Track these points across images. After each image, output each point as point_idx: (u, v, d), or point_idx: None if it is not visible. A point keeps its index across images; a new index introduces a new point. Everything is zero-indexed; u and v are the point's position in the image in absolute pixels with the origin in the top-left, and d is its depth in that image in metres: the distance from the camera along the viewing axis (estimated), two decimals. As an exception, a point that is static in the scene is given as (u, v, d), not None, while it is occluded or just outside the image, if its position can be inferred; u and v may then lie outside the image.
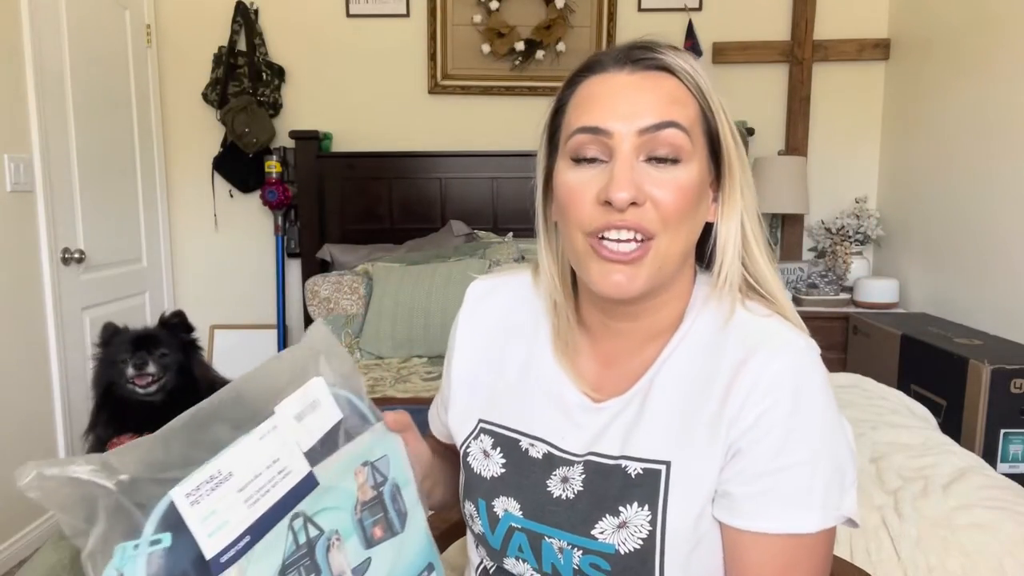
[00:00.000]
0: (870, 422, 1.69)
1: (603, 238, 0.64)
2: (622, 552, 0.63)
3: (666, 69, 0.65)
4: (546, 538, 0.67)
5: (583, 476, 0.68)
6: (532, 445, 0.72)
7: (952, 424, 2.13)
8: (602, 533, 0.64)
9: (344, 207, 3.20)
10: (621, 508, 0.64)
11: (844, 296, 3.04)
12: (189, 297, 3.33)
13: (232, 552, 0.47)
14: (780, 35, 3.22)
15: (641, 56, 0.66)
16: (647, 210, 0.63)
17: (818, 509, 0.62)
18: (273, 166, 3.16)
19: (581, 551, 0.65)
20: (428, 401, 1.98)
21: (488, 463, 0.73)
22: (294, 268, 3.31)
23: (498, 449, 0.73)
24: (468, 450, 0.76)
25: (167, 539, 0.45)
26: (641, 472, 0.64)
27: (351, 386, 0.62)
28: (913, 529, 1.25)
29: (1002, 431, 2.06)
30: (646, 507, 0.63)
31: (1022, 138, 2.38)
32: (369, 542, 0.57)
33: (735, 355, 0.64)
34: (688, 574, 0.63)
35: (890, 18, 3.22)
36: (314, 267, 3.11)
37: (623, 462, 0.66)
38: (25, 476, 0.43)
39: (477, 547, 0.77)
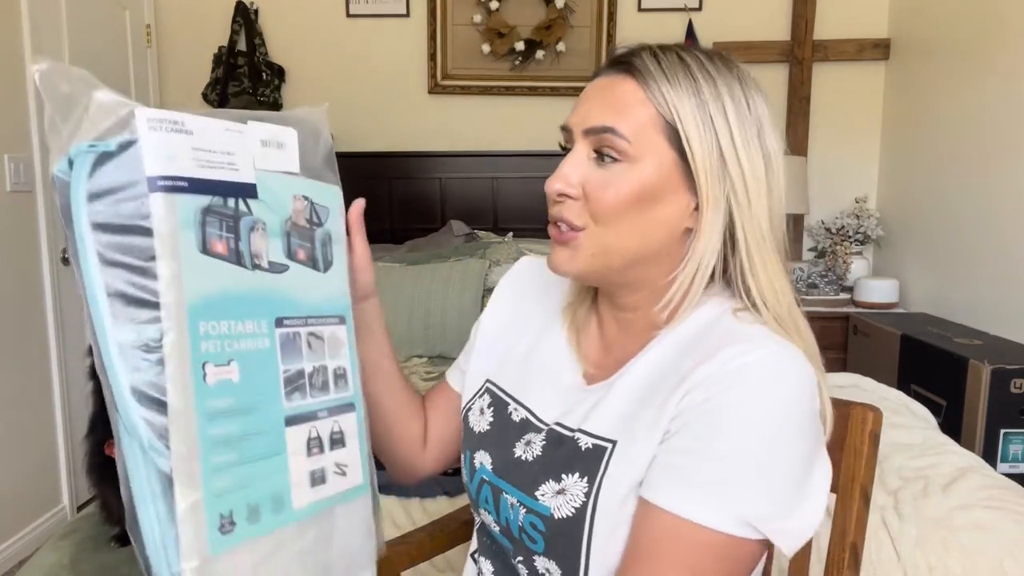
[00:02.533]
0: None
1: (556, 223, 0.71)
2: (556, 516, 0.67)
3: (630, 73, 0.67)
4: (504, 493, 0.73)
5: (544, 443, 0.73)
6: (516, 410, 0.78)
7: (952, 424, 2.13)
8: (543, 496, 0.69)
9: (344, 207, 3.19)
10: (564, 475, 0.68)
11: (844, 296, 3.04)
12: (189, 297, 3.33)
13: (168, 183, 0.50)
14: (780, 35, 3.22)
15: (618, 58, 0.69)
16: (578, 205, 0.68)
17: (726, 509, 0.59)
18: (273, 166, 3.16)
19: (525, 510, 0.70)
20: (428, 401, 1.97)
21: (480, 419, 0.81)
22: (294, 268, 3.31)
23: (491, 409, 0.81)
24: (471, 407, 0.83)
25: (113, 144, 0.49)
26: (591, 447, 0.68)
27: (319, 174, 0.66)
28: (913, 529, 1.25)
29: (1002, 431, 2.06)
30: (585, 479, 0.66)
31: (1022, 138, 2.38)
32: (291, 255, 0.59)
33: (705, 351, 0.65)
34: (609, 550, 0.65)
35: (890, 18, 3.22)
36: (314, 267, 3.11)
37: (578, 435, 0.70)
38: (37, 66, 0.51)
39: (469, 498, 0.83)
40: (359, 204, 0.79)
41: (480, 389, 0.84)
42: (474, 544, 0.86)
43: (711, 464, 0.60)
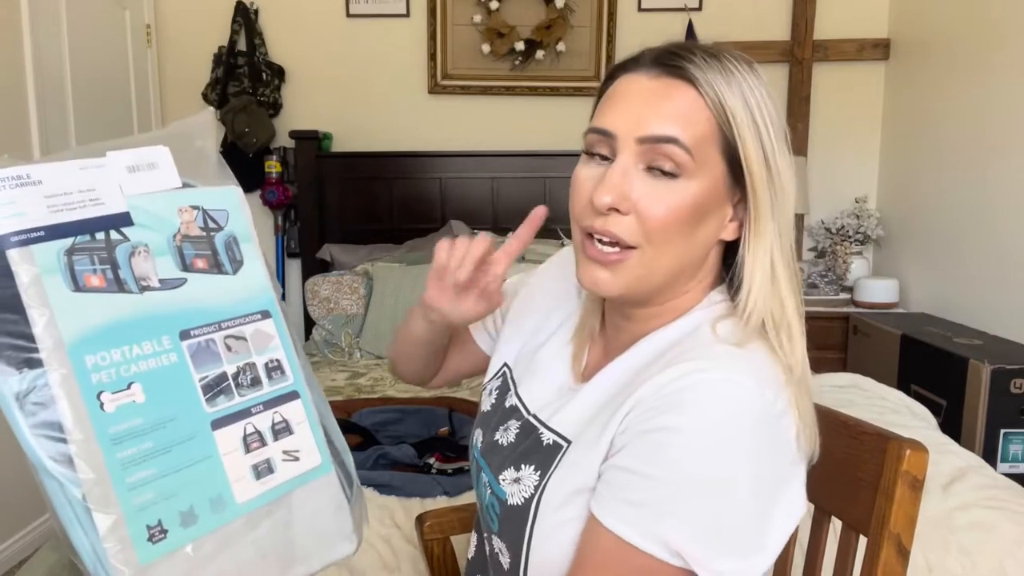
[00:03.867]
0: (870, 422, 1.69)
1: (592, 235, 0.66)
2: (509, 503, 0.69)
3: (688, 80, 0.63)
4: (481, 471, 0.77)
5: (517, 431, 0.75)
6: (511, 397, 0.81)
7: (952, 424, 2.13)
8: (504, 480, 0.71)
9: (344, 207, 3.19)
10: (523, 465, 0.70)
11: (844, 296, 3.04)
12: (189, 297, 3.33)
13: (21, 237, 0.52)
14: (780, 35, 3.22)
15: (669, 62, 0.64)
16: (629, 220, 0.63)
17: (653, 531, 0.57)
18: (273, 166, 3.16)
19: (490, 491, 0.74)
20: (428, 401, 1.98)
21: (487, 400, 0.85)
22: (294, 268, 3.31)
23: (497, 392, 0.84)
24: (487, 387, 0.87)
25: None
26: (550, 443, 0.70)
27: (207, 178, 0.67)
28: (913, 529, 1.25)
29: (1002, 431, 2.07)
30: (538, 473, 0.68)
31: (1021, 138, 2.38)
32: (187, 267, 0.60)
33: (659, 367, 0.63)
34: (546, 547, 0.66)
35: (890, 18, 3.22)
36: (314, 267, 3.11)
37: (542, 429, 0.72)
38: None
39: None
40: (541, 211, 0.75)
41: (499, 371, 0.86)
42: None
43: (645, 484, 0.59)
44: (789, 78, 3.23)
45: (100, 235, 0.56)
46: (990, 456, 2.06)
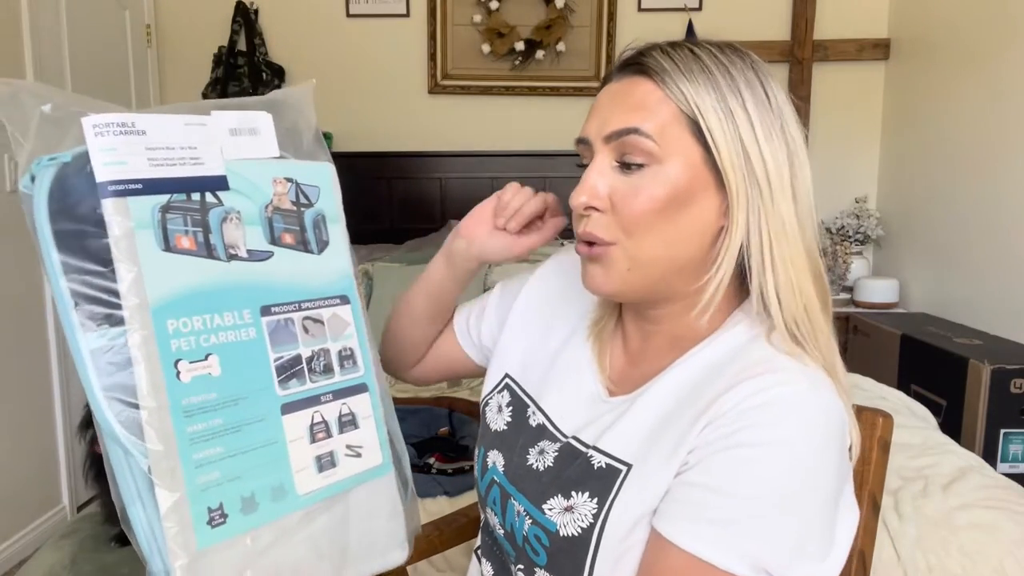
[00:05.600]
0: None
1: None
2: (561, 533, 0.65)
3: (644, 73, 0.64)
4: (511, 499, 0.72)
5: (556, 455, 0.70)
6: (534, 414, 0.76)
7: (952, 424, 2.13)
8: (551, 510, 0.66)
9: (344, 207, 3.19)
10: (573, 493, 0.65)
11: (844, 296, 3.04)
12: (189, 297, 3.33)
13: (119, 187, 0.50)
14: (780, 35, 3.22)
15: (631, 61, 0.66)
16: (607, 218, 0.65)
17: (738, 550, 0.56)
18: (273, 166, 3.16)
19: (531, 520, 0.68)
20: (428, 401, 1.98)
21: (498, 418, 0.79)
22: (294, 268, 3.31)
23: (510, 408, 0.79)
24: (488, 402, 0.82)
25: (68, 156, 0.50)
26: (604, 466, 0.65)
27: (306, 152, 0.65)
28: (913, 529, 1.25)
29: (1002, 431, 2.06)
30: (595, 500, 0.64)
31: (1022, 137, 2.38)
32: (275, 241, 0.58)
33: (730, 380, 0.61)
34: (616, 573, 0.63)
35: (890, 18, 3.22)
36: (314, 267, 3.10)
37: (592, 452, 0.67)
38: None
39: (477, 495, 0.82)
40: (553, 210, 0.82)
41: (500, 383, 0.82)
42: (478, 541, 0.85)
43: (727, 502, 0.57)
44: (789, 78, 3.22)
45: (195, 196, 0.53)
46: (990, 456, 2.06)
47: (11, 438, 2.30)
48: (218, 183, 0.55)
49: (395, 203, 3.21)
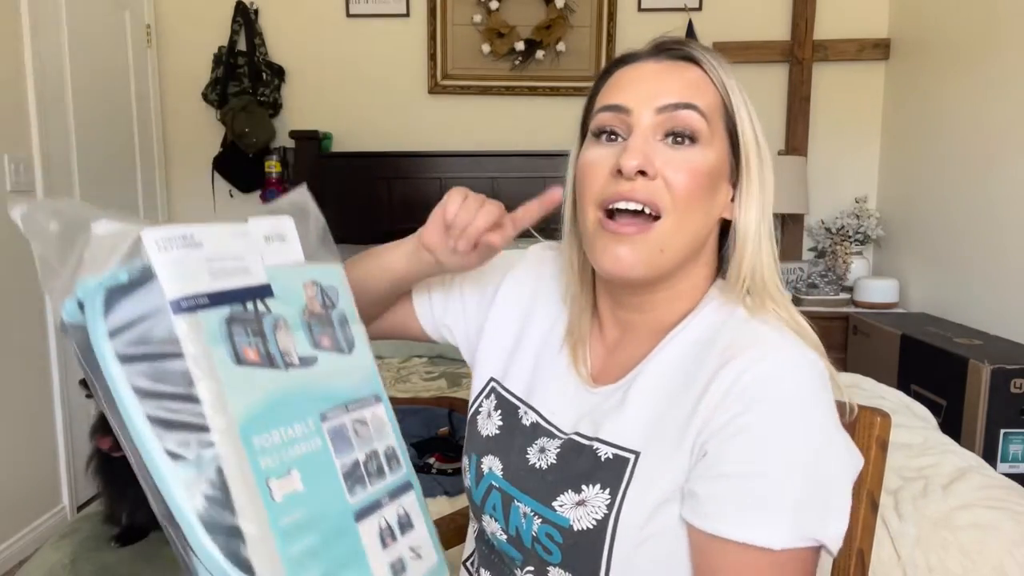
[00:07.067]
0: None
1: (611, 215, 0.66)
2: (575, 528, 0.65)
3: (691, 59, 0.68)
4: (515, 501, 0.70)
5: (558, 451, 0.70)
6: (526, 413, 0.76)
7: (952, 424, 2.13)
8: (562, 506, 0.66)
9: (344, 207, 3.19)
10: (584, 486, 0.66)
11: (844, 296, 3.04)
12: (189, 297, 3.33)
13: (189, 303, 0.47)
14: (780, 35, 3.22)
15: (669, 47, 0.70)
16: (658, 185, 0.65)
17: (785, 525, 0.58)
18: (273, 166, 3.16)
19: (540, 519, 0.68)
20: (428, 401, 1.98)
21: (488, 423, 0.78)
22: (294, 268, 3.31)
23: (499, 412, 0.78)
24: (478, 408, 0.81)
25: (124, 275, 0.46)
26: (611, 457, 0.66)
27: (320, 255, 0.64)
28: (913, 529, 1.25)
29: (1002, 431, 2.06)
30: (607, 491, 0.64)
31: (1021, 138, 2.38)
32: (316, 345, 0.57)
33: (719, 358, 0.63)
34: (631, 567, 0.63)
35: (890, 18, 3.22)
36: (314, 267, 3.11)
37: (595, 444, 0.67)
38: (16, 207, 0.47)
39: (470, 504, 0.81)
40: (556, 193, 0.73)
41: (485, 388, 0.82)
42: (467, 551, 0.84)
43: (760, 483, 0.59)
44: (789, 78, 3.23)
45: (250, 305, 0.52)
46: (990, 456, 2.06)
47: (11, 438, 2.30)
48: (266, 291, 0.54)
49: (395, 203, 3.21)
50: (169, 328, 0.46)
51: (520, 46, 3.20)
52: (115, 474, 1.37)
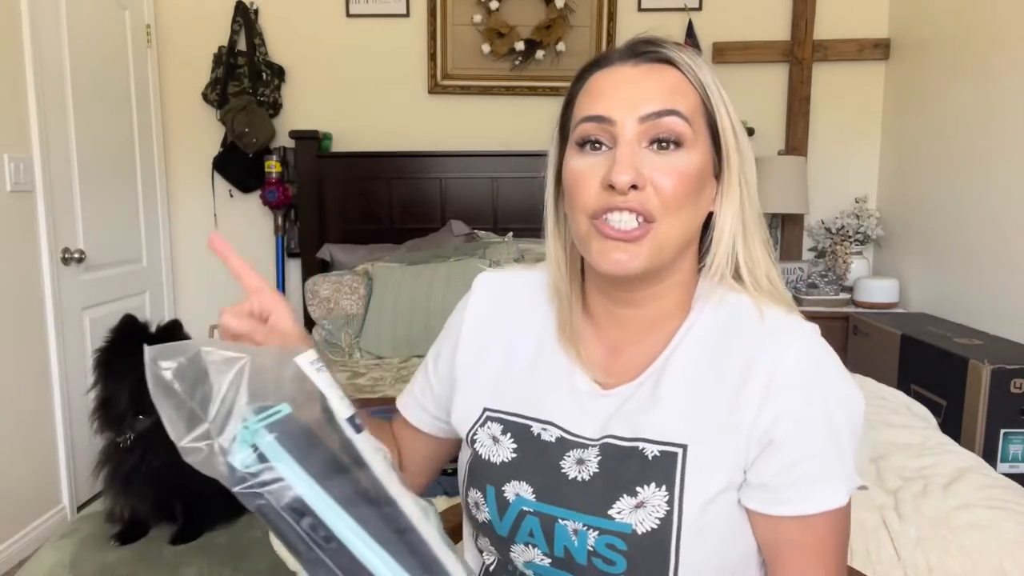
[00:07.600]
0: (870, 422, 1.69)
1: (606, 219, 0.67)
2: (639, 532, 0.64)
3: (668, 62, 0.69)
4: (559, 520, 0.67)
5: (599, 458, 0.68)
6: (544, 429, 0.72)
7: (952, 424, 2.13)
8: (619, 513, 0.65)
9: (344, 207, 3.20)
10: (639, 488, 0.65)
11: (844, 296, 3.04)
12: (189, 297, 3.33)
13: (354, 418, 0.51)
14: (780, 35, 3.22)
15: (645, 50, 0.70)
16: (648, 194, 0.66)
17: (844, 480, 0.65)
18: (273, 166, 3.16)
19: (597, 532, 0.66)
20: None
21: (498, 448, 0.73)
22: (294, 268, 3.31)
23: (508, 435, 0.74)
24: (475, 437, 0.76)
25: (286, 408, 0.47)
26: (658, 454, 0.66)
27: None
28: (913, 529, 1.25)
29: (1002, 431, 2.06)
30: (664, 488, 0.65)
31: (1021, 138, 2.38)
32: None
33: (746, 350, 0.67)
34: (697, 556, 0.64)
35: (890, 18, 3.22)
36: (314, 267, 3.11)
37: (639, 444, 0.67)
38: (165, 364, 0.46)
39: (477, 539, 0.76)
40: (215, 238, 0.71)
41: (480, 418, 0.77)
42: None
43: (817, 462, 0.65)
44: (789, 78, 3.23)
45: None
46: (990, 456, 2.06)
47: (11, 438, 2.30)
48: (353, 426, 0.58)
49: (395, 203, 3.21)
50: (350, 446, 0.49)
51: (520, 46, 3.20)
52: (121, 466, 1.36)
